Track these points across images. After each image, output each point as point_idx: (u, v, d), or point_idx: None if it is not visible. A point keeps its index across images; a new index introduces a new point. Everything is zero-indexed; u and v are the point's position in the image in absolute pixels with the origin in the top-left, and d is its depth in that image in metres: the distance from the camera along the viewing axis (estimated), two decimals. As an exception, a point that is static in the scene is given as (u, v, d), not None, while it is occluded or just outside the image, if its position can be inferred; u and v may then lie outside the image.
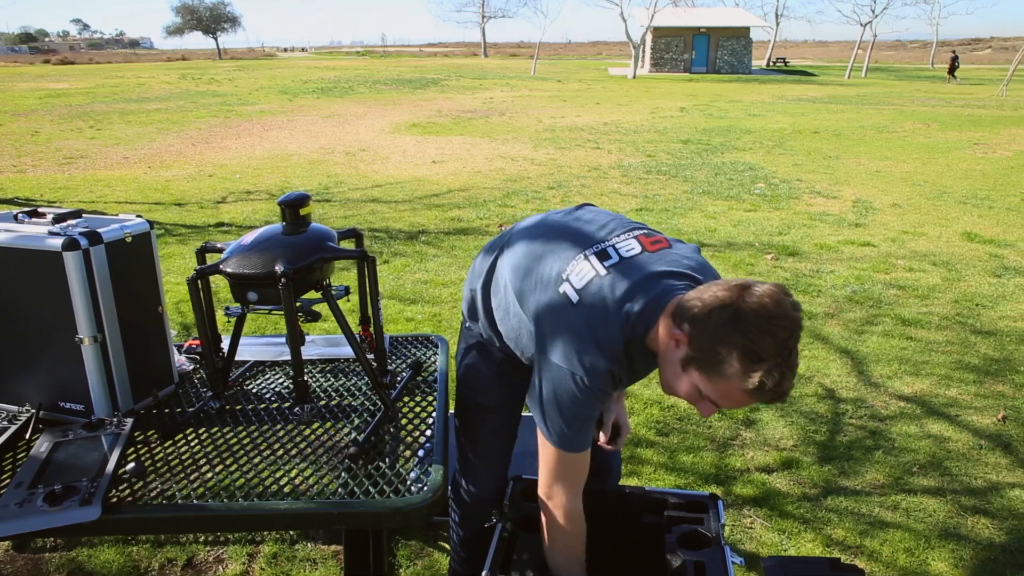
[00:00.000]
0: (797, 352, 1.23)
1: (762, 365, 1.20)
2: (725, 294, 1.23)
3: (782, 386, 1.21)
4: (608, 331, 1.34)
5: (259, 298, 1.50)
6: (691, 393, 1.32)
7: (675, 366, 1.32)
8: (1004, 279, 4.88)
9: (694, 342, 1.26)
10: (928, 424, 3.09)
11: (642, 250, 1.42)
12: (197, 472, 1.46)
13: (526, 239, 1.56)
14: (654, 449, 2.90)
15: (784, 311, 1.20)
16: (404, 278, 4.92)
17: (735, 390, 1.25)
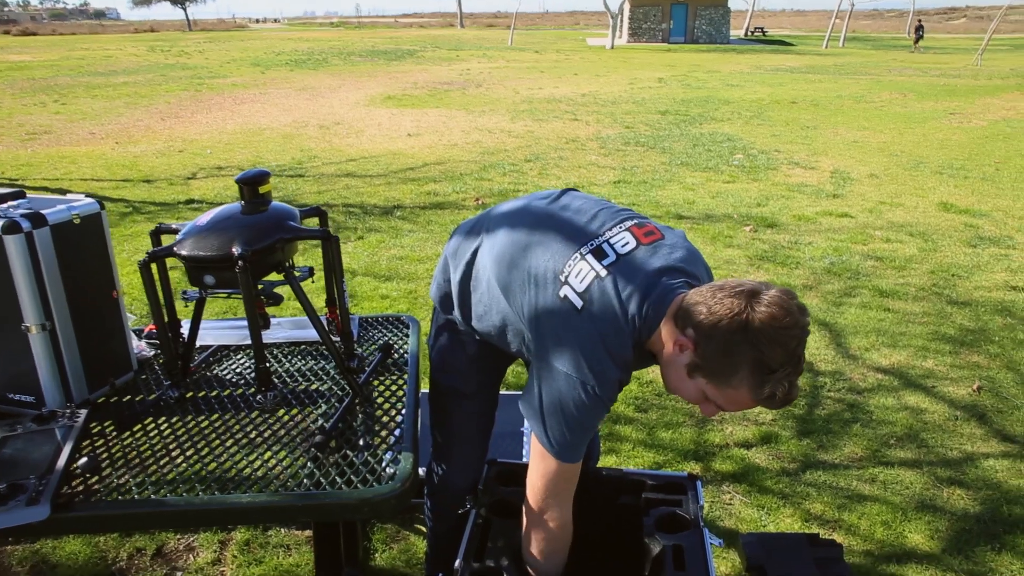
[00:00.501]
0: (804, 357, 1.20)
1: (773, 376, 1.18)
2: (732, 302, 1.19)
3: (791, 394, 1.20)
4: (619, 339, 1.30)
5: (216, 282, 1.42)
6: (697, 397, 1.30)
7: (680, 370, 1.28)
8: (979, 249, 4.91)
9: (701, 350, 1.23)
10: (905, 396, 3.10)
11: (637, 244, 1.37)
12: (156, 465, 1.39)
13: (508, 227, 1.49)
14: (633, 426, 2.88)
15: (794, 319, 1.17)
16: (379, 254, 4.84)
17: (744, 398, 1.22)
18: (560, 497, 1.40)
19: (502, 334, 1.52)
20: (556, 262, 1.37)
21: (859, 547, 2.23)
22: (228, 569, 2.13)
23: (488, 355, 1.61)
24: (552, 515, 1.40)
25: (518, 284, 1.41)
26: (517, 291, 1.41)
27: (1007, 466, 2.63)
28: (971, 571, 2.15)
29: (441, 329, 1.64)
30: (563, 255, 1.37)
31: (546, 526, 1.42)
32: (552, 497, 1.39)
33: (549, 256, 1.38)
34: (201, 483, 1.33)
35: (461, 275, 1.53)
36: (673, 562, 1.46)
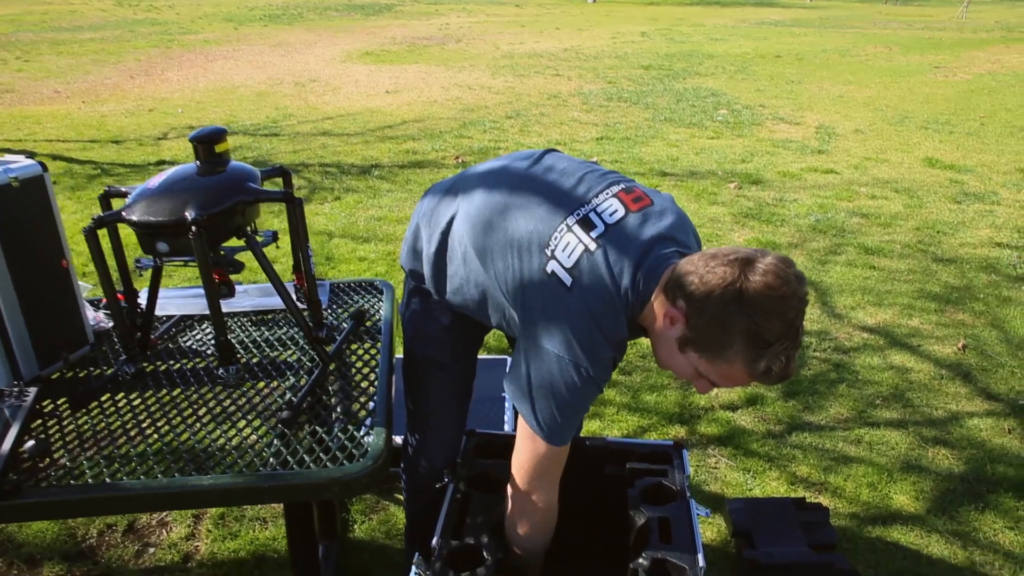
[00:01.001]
0: (803, 329, 1.13)
1: (769, 350, 1.10)
2: (725, 271, 1.11)
3: (788, 368, 1.13)
4: (613, 317, 1.22)
5: (170, 249, 1.32)
6: (689, 372, 1.23)
7: (671, 345, 1.21)
8: (964, 205, 4.87)
9: (692, 322, 1.15)
10: (891, 355, 3.07)
11: (626, 212, 1.29)
12: (112, 446, 1.31)
13: (487, 189, 1.39)
14: (616, 389, 2.83)
15: (791, 289, 1.10)
16: (356, 215, 4.71)
17: (739, 373, 1.15)
18: (548, 479, 1.35)
19: (481, 308, 1.44)
20: (540, 231, 1.28)
21: (845, 509, 2.21)
22: (203, 544, 2.07)
23: (465, 323, 1.53)
24: (539, 497, 1.35)
25: (498, 249, 1.32)
26: (497, 257, 1.32)
27: (991, 425, 2.62)
28: (955, 531, 2.14)
29: (413, 296, 1.55)
30: (548, 224, 1.29)
31: (533, 509, 1.36)
32: (539, 479, 1.34)
33: (533, 223, 1.30)
34: (160, 464, 1.25)
35: (436, 247, 1.44)
36: (659, 535, 1.41)
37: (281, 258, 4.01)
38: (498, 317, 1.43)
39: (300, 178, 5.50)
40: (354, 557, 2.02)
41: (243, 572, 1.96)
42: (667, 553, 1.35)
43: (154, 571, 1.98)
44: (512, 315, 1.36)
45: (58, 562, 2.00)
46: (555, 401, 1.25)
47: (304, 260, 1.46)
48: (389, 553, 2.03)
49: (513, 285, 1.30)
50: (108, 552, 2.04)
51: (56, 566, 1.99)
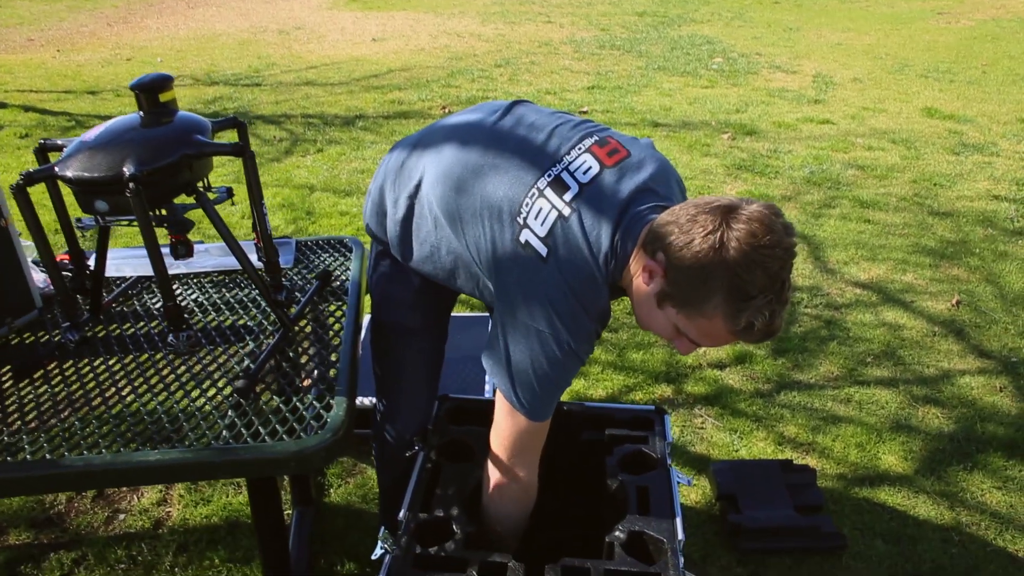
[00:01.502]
0: (790, 284, 1.05)
1: (751, 303, 1.02)
2: (706, 219, 1.03)
3: (772, 325, 1.05)
4: (593, 288, 1.15)
5: (110, 208, 1.22)
6: (668, 330, 1.15)
7: (650, 301, 1.13)
8: (962, 157, 4.75)
9: (671, 275, 1.07)
10: (883, 312, 3.00)
11: (600, 168, 1.19)
12: (56, 418, 1.23)
13: (457, 146, 1.29)
14: (601, 348, 2.76)
15: (776, 238, 1.01)
16: (339, 168, 4.57)
17: (719, 330, 1.08)
18: (528, 455, 1.29)
19: (453, 276, 1.35)
20: (512, 197, 1.19)
21: (832, 471, 2.17)
22: (174, 510, 2.02)
23: (436, 286, 1.44)
24: (519, 474, 1.29)
25: (469, 215, 1.23)
26: (468, 223, 1.24)
27: (983, 383, 2.57)
28: (943, 492, 2.10)
29: (381, 258, 1.46)
30: (520, 186, 1.19)
31: (513, 486, 1.31)
32: (519, 456, 1.28)
33: (505, 187, 1.21)
34: (105, 439, 1.17)
35: (403, 213, 1.34)
36: (638, 505, 1.35)
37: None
38: (472, 285, 1.35)
39: (282, 129, 5.33)
40: (330, 522, 1.97)
41: (215, 539, 1.91)
42: (645, 525, 1.29)
43: (124, 538, 1.93)
44: (487, 284, 1.28)
45: (25, 529, 1.95)
46: (536, 376, 1.18)
47: (259, 217, 1.36)
48: (365, 518, 1.99)
49: (486, 255, 1.22)
50: (77, 519, 1.99)
51: (23, 534, 1.94)
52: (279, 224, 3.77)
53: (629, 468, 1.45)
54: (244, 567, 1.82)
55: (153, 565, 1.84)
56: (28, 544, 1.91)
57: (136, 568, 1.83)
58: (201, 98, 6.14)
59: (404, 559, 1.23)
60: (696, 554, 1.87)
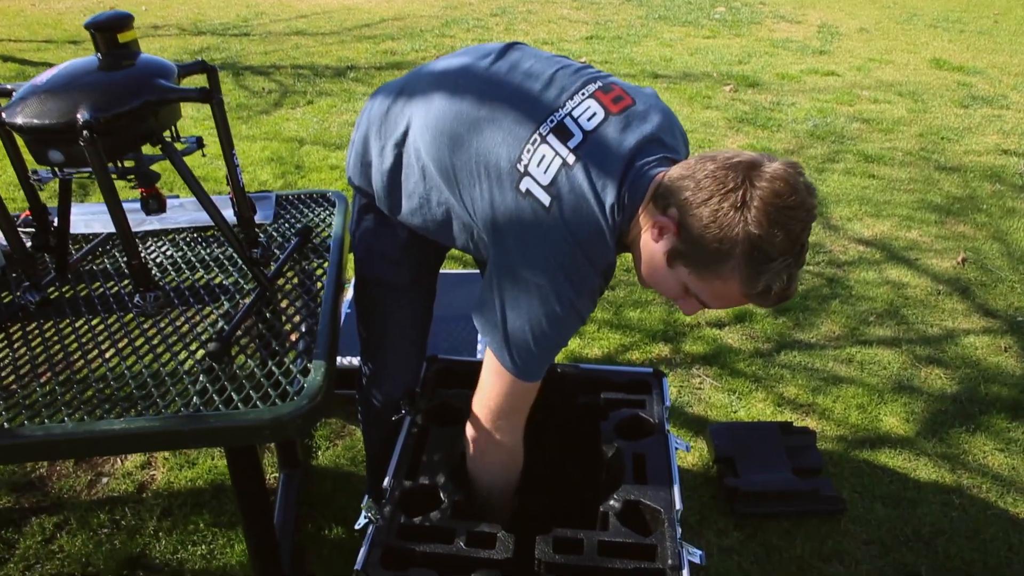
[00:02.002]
0: (807, 246, 0.99)
1: (770, 266, 0.96)
2: (726, 175, 0.96)
3: (789, 289, 0.99)
4: (599, 241, 1.07)
5: (66, 159, 1.13)
6: (676, 290, 1.08)
7: (658, 259, 1.06)
8: (971, 110, 4.62)
9: (685, 233, 1.00)
10: (887, 269, 2.93)
11: (605, 115, 1.11)
12: (18, 384, 1.16)
13: (448, 95, 1.19)
14: (598, 306, 2.68)
15: (799, 198, 0.95)
16: (330, 120, 4.44)
17: (733, 293, 1.01)
18: (515, 418, 1.22)
19: (444, 229, 1.26)
20: (511, 146, 1.11)
21: (832, 432, 2.12)
22: (158, 473, 1.97)
23: (424, 241, 1.36)
24: (504, 437, 1.23)
25: (465, 173, 1.14)
26: (465, 181, 1.15)
27: (987, 343, 2.51)
28: (944, 454, 2.06)
29: (365, 212, 1.37)
30: (519, 136, 1.11)
31: (498, 449, 1.24)
32: (506, 418, 1.21)
33: (502, 138, 1.12)
34: (68, 406, 1.10)
35: (390, 163, 1.25)
36: (634, 472, 1.30)
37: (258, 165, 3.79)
38: (464, 238, 1.26)
39: (271, 81, 5.17)
40: (318, 485, 1.92)
41: (200, 503, 1.86)
42: (641, 494, 1.24)
43: (108, 502, 1.88)
44: (481, 237, 1.20)
45: (5, 493, 1.90)
46: (532, 335, 1.11)
47: (230, 168, 1.27)
48: (354, 481, 1.94)
49: (483, 209, 1.14)
50: (59, 482, 1.94)
51: (3, 498, 1.89)
52: (267, 179, 3.66)
53: (625, 433, 1.39)
54: (229, 531, 1.78)
55: (137, 530, 1.79)
56: (9, 508, 1.86)
57: (119, 533, 1.79)
58: (187, 48, 5.95)
59: (388, 529, 1.18)
60: (692, 518, 1.83)
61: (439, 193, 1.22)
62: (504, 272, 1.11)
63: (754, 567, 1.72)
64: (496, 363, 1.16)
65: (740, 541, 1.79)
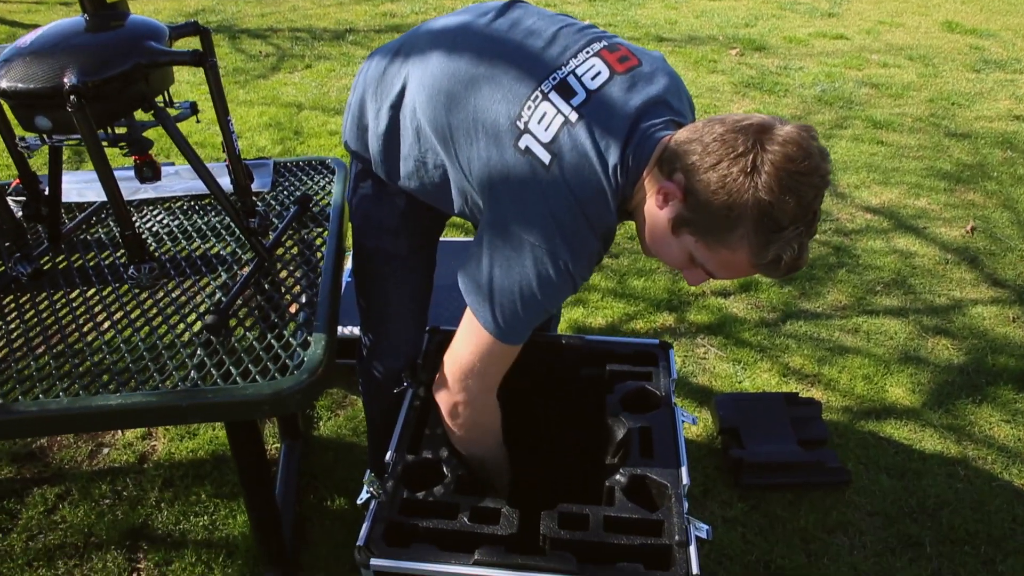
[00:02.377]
0: (820, 214, 0.95)
1: (781, 235, 0.92)
2: (736, 138, 0.92)
3: (800, 259, 0.96)
4: (600, 202, 1.03)
5: (54, 125, 1.08)
6: (682, 260, 1.04)
7: (662, 227, 1.02)
8: (983, 74, 4.53)
9: (691, 199, 0.96)
10: (895, 238, 2.89)
11: (611, 75, 1.06)
12: (10, 360, 1.13)
13: (445, 53, 1.14)
14: (601, 274, 2.66)
15: (813, 163, 0.91)
16: (328, 85, 4.36)
17: (741, 262, 0.98)
18: (488, 379, 1.18)
19: (442, 192, 1.22)
20: (511, 104, 1.06)
21: (838, 403, 2.11)
22: (159, 444, 1.96)
23: (422, 208, 1.32)
24: (475, 398, 1.18)
25: (462, 132, 1.10)
26: (461, 141, 1.11)
27: (995, 313, 2.48)
28: (950, 425, 2.04)
29: (362, 179, 1.33)
30: (519, 94, 1.06)
31: (470, 411, 1.20)
32: (478, 378, 1.16)
33: (501, 96, 1.07)
34: (63, 380, 1.08)
35: (386, 125, 1.21)
36: (640, 446, 1.28)
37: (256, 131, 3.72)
38: (461, 202, 1.22)
39: (268, 44, 5.07)
40: (318, 456, 1.91)
41: (201, 474, 1.85)
42: (647, 469, 1.22)
43: (109, 472, 1.87)
44: (477, 200, 1.16)
45: (6, 464, 1.89)
46: (521, 297, 1.06)
47: (226, 136, 1.22)
48: (355, 451, 1.93)
49: (480, 171, 1.10)
50: (60, 453, 1.93)
51: (4, 468, 1.88)
52: (266, 144, 3.60)
53: (631, 407, 1.37)
54: (231, 502, 1.77)
55: (138, 500, 1.79)
56: (11, 479, 1.85)
57: (121, 503, 1.78)
58: (182, 11, 5.82)
59: (391, 504, 1.16)
60: (696, 489, 1.82)
61: (435, 155, 1.18)
62: (497, 230, 1.07)
63: (758, 538, 1.72)
64: (475, 322, 1.11)
65: (744, 512, 1.78)
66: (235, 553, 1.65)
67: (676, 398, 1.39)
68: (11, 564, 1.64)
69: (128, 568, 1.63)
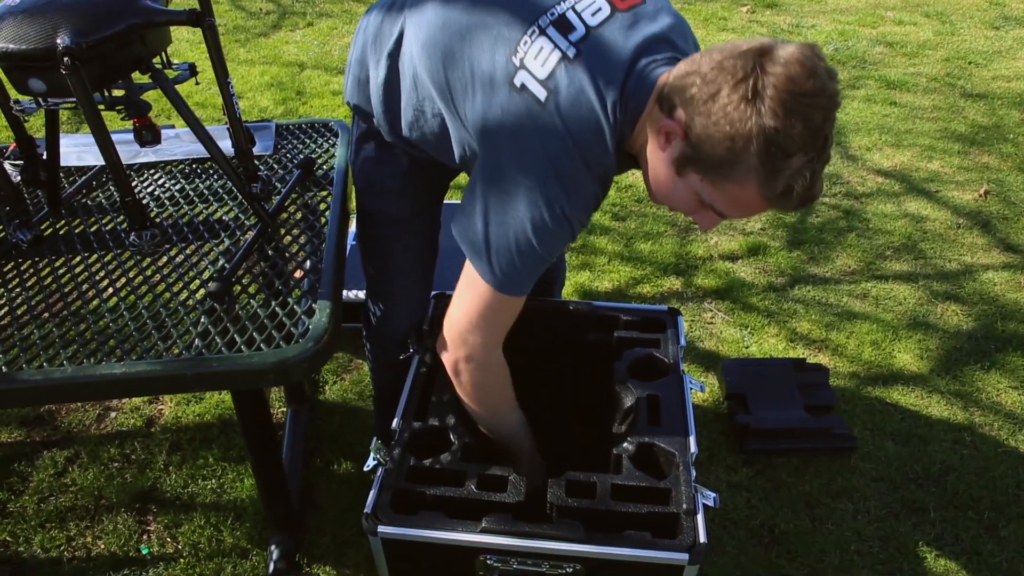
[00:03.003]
0: (832, 139, 0.88)
1: (789, 163, 0.86)
2: (735, 63, 0.86)
3: (813, 189, 0.89)
4: (598, 142, 0.98)
5: (49, 88, 1.06)
6: (690, 203, 0.99)
7: (666, 168, 0.97)
8: (1003, 31, 4.41)
9: (693, 134, 0.91)
10: (906, 202, 2.84)
11: (612, 11, 1.02)
12: (13, 328, 1.12)
13: (441, 2, 1.10)
14: (608, 236, 2.63)
15: (819, 84, 0.84)
16: (331, 44, 4.27)
17: (751, 197, 0.91)
18: (490, 334, 1.13)
19: (442, 142, 1.19)
20: (506, 45, 1.02)
21: (845, 369, 2.10)
22: (166, 408, 1.97)
23: (426, 168, 1.29)
24: (479, 354, 1.14)
25: (459, 88, 1.07)
26: (459, 96, 1.07)
27: (1006, 278, 2.45)
28: (957, 391, 2.03)
29: (364, 140, 1.30)
30: (515, 34, 1.02)
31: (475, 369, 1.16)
32: (479, 332, 1.12)
33: (495, 41, 1.03)
34: (66, 348, 1.07)
35: (384, 75, 1.17)
36: (648, 414, 1.27)
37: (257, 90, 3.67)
38: (460, 151, 1.18)
39: (269, 1, 4.96)
40: (325, 421, 1.92)
41: (208, 438, 1.86)
42: (655, 437, 1.22)
43: (117, 436, 1.88)
44: (475, 148, 1.11)
45: (16, 427, 1.91)
46: (517, 245, 1.02)
47: (226, 99, 1.19)
48: (361, 416, 1.93)
49: (476, 119, 1.05)
50: (68, 416, 1.94)
51: (14, 432, 1.89)
52: (268, 105, 3.54)
53: (639, 374, 1.36)
54: (238, 466, 1.78)
55: (147, 464, 1.80)
56: (20, 442, 1.87)
57: (130, 467, 1.79)
58: (180, -35, 5.68)
59: (398, 472, 1.16)
60: (702, 454, 1.82)
61: (432, 104, 1.14)
62: (490, 173, 1.03)
63: (762, 503, 1.73)
64: (473, 273, 1.08)
65: (749, 477, 1.78)
66: (243, 516, 1.67)
67: (683, 363, 1.38)
68: (24, 525, 1.66)
69: (138, 530, 1.65)
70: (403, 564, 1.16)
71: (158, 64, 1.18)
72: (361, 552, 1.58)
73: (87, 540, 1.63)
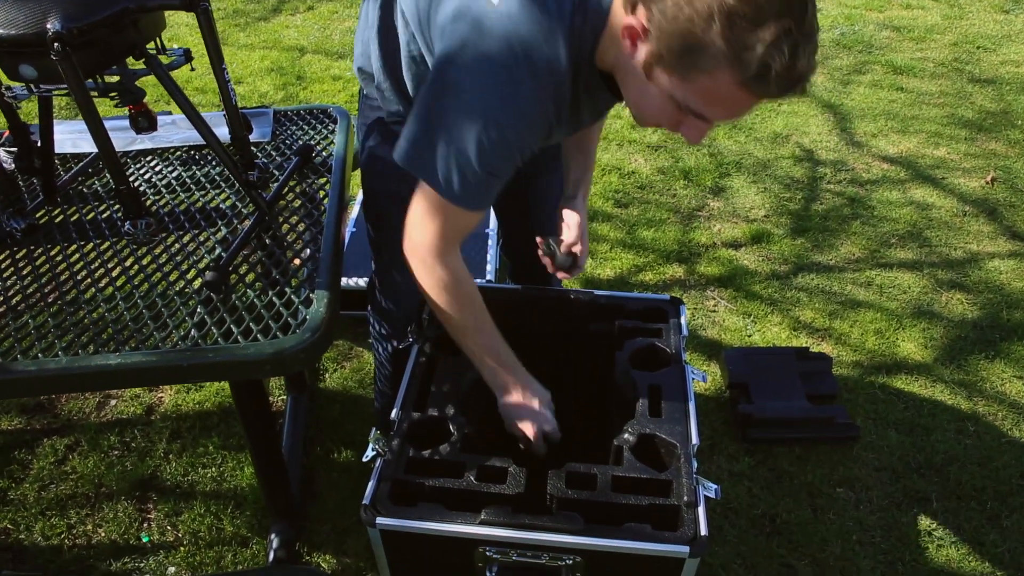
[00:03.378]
0: (814, 9, 0.79)
1: (760, 33, 0.77)
2: None
3: (796, 66, 0.79)
4: (550, 48, 0.92)
5: (40, 74, 1.04)
6: (667, 110, 0.91)
7: (639, 75, 0.90)
8: (1012, 15, 4.35)
9: (654, 27, 0.84)
10: (912, 189, 2.82)
11: None
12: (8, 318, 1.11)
13: None
14: (611, 223, 2.61)
15: None
16: (331, 27, 4.23)
17: (727, 86, 0.82)
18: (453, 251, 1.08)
19: None
20: None
21: (849, 358, 2.08)
22: (166, 396, 1.96)
23: None
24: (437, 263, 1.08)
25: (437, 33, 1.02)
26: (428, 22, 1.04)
27: (1013, 267, 2.43)
28: (961, 380, 2.02)
29: (372, 125, 1.28)
30: None
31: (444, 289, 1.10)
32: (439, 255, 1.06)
33: None
34: (62, 339, 1.06)
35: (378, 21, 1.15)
36: (649, 405, 1.26)
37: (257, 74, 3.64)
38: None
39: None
40: (325, 409, 1.91)
41: (208, 425, 1.86)
42: (656, 427, 1.20)
43: (117, 424, 1.88)
44: None
45: (16, 415, 1.90)
46: (468, 156, 0.96)
47: (221, 85, 1.17)
48: (362, 404, 1.93)
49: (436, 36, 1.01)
50: (68, 404, 1.93)
51: (14, 419, 1.89)
52: (268, 90, 3.51)
53: (640, 364, 1.35)
54: (238, 454, 1.78)
55: (147, 452, 1.80)
56: (21, 430, 1.86)
57: (130, 455, 1.79)
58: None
59: (397, 463, 1.15)
60: (704, 443, 1.81)
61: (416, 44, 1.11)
62: (445, 88, 0.97)
63: (764, 492, 1.72)
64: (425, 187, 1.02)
65: (751, 467, 1.78)
66: (243, 504, 1.66)
67: (685, 353, 1.37)
68: (25, 513, 1.66)
69: (139, 518, 1.65)
70: (402, 555, 1.15)
71: (152, 50, 1.16)
72: (361, 541, 1.58)
73: (87, 528, 1.63)
